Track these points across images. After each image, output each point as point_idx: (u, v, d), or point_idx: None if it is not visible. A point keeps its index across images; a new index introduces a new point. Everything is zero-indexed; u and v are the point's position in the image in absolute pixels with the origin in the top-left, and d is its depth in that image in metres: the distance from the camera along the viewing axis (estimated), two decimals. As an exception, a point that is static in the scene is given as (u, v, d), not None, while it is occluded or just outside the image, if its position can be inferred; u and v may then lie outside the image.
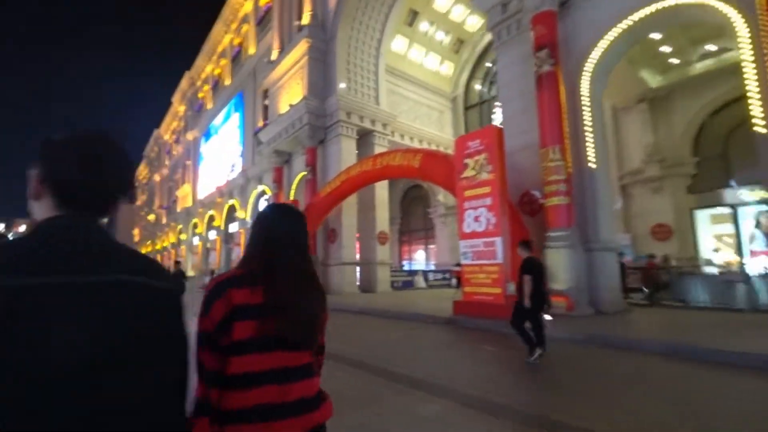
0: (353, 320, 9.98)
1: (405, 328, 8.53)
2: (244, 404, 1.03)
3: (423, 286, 20.33)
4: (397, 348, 6.52)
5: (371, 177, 14.42)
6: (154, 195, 58.82)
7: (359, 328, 8.81)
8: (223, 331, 1.05)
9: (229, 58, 33.93)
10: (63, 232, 0.74)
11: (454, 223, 22.05)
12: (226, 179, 31.30)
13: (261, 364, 1.06)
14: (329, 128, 18.15)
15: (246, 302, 1.07)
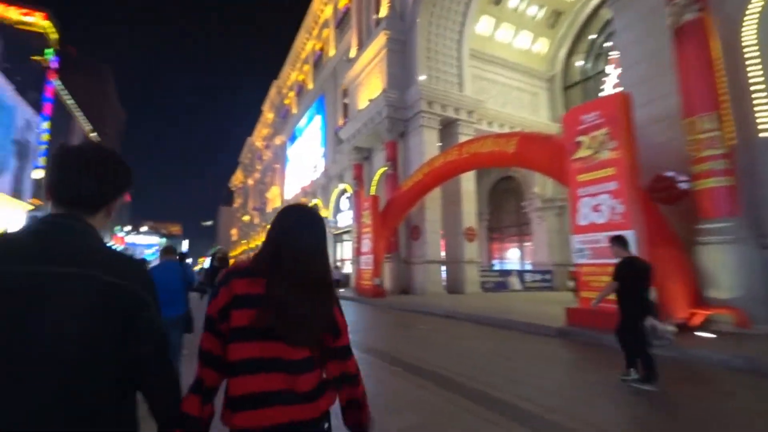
0: (439, 325, 8.90)
1: (503, 338, 7.21)
2: (240, 390, 1.07)
3: (518, 288, 18.38)
4: (497, 364, 5.29)
5: (457, 167, 13.16)
6: (248, 198, 63.95)
7: (446, 334, 7.70)
8: (223, 317, 1.11)
9: (312, 64, 35.08)
10: (47, 228, 0.91)
11: (553, 217, 19.76)
12: (310, 179, 32.34)
13: (254, 351, 1.09)
14: (410, 120, 17.27)
15: (246, 292, 1.13)
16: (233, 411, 1.07)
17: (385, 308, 12.48)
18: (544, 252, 20.14)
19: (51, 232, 0.90)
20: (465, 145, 12.59)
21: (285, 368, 1.10)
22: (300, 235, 1.22)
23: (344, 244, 27.25)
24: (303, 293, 1.15)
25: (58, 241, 0.88)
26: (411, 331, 8.18)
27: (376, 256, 15.14)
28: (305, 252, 1.20)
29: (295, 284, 1.15)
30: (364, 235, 15.85)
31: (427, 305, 11.59)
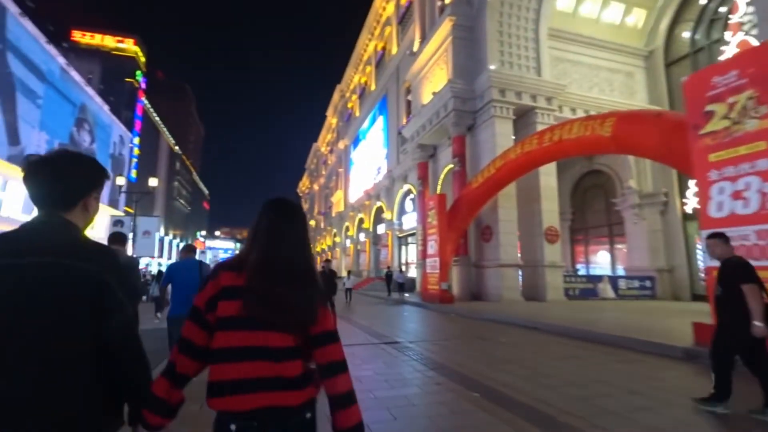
0: (521, 338, 7.51)
1: (609, 358, 5.65)
2: (226, 376, 1.11)
3: (611, 296, 16.01)
4: (615, 399, 3.77)
5: (536, 159, 11.58)
6: (314, 202, 65.91)
7: (533, 351, 6.29)
8: (210, 308, 1.17)
9: (374, 65, 34.92)
10: (31, 226, 1.05)
11: (654, 215, 17.07)
12: (373, 182, 31.99)
13: (239, 340, 1.13)
14: (479, 112, 15.86)
15: (232, 284, 1.18)
16: (218, 395, 1.10)
17: (455, 316, 11.26)
18: (643, 255, 17.36)
19: (33, 229, 1.05)
20: (546, 133, 10.97)
21: (268, 356, 1.13)
22: (277, 227, 1.28)
23: (409, 247, 26.33)
24: (281, 282, 1.19)
25: (38, 236, 1.03)
26: (488, 345, 6.92)
27: (443, 259, 13.95)
28: (282, 243, 1.26)
29: (273, 274, 1.20)
30: (429, 237, 14.74)
31: (504, 313, 10.15)
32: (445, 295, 13.75)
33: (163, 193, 63.13)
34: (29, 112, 26.53)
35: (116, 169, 38.09)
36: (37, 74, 27.37)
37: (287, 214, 1.30)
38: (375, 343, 6.95)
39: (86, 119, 34.18)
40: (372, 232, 32.24)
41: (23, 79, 25.75)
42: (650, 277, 17.01)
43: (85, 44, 49.98)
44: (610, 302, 14.92)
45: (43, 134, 28.32)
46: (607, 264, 20.03)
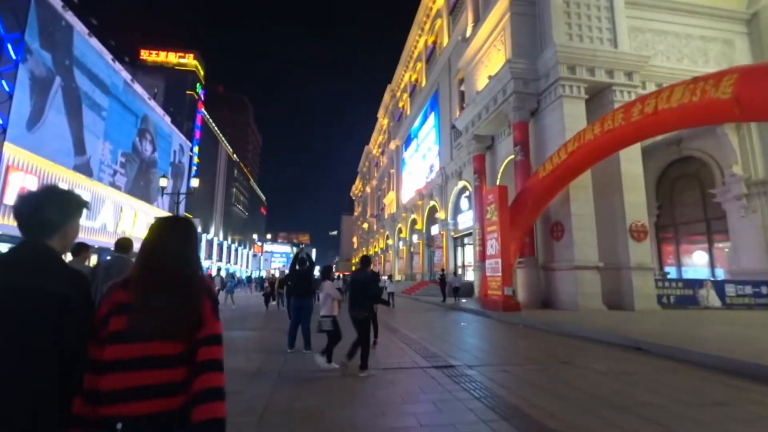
0: (620, 364, 5.73)
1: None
2: (115, 386, 1.19)
3: (715, 305, 13.30)
4: None
5: (622, 137, 9.58)
6: (367, 205, 65.69)
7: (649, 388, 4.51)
8: (104, 324, 1.26)
9: (424, 60, 33.72)
10: (17, 250, 1.24)
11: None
12: (425, 181, 30.61)
13: (127, 352, 1.22)
14: (544, 93, 13.95)
15: (122, 300, 1.29)
16: (108, 404, 1.18)
17: (523, 328, 9.58)
18: (754, 255, 14.32)
19: (18, 254, 1.23)
20: (635, 104, 8.97)
21: (155, 364, 1.22)
22: (157, 242, 1.41)
23: (465, 248, 24.57)
24: (160, 293, 1.30)
25: (21, 260, 1.22)
26: (580, 374, 5.21)
27: (505, 261, 12.24)
28: (162, 256, 1.38)
29: (153, 286, 1.31)
30: (489, 236, 13.09)
31: (587, 327, 8.31)
32: (509, 301, 12.04)
33: (221, 199, 66.44)
34: (94, 123, 28.37)
35: (176, 176, 40.46)
36: (102, 88, 29.28)
37: (166, 229, 1.45)
38: (423, 367, 5.60)
39: (148, 129, 36.38)
40: (425, 233, 30.83)
41: (89, 93, 27.63)
42: (766, 282, 13.96)
43: (152, 62, 54.28)
44: (716, 312, 12.26)
45: (107, 144, 30.31)
46: (704, 266, 16.91)
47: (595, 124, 9.87)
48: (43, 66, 23.17)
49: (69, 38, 25.31)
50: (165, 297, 1.28)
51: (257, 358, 6.24)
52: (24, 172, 21.74)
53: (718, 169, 15.97)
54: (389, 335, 8.51)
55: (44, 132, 23.19)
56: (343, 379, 4.96)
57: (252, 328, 10.22)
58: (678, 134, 15.98)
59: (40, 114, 23.14)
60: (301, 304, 6.82)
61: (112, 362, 1.19)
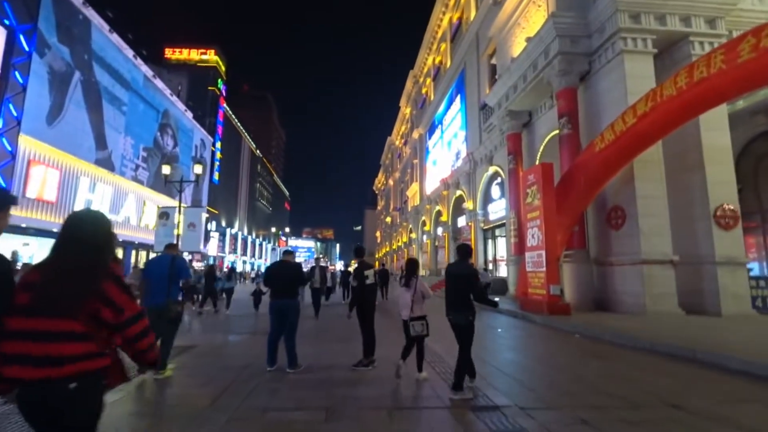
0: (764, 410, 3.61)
1: None
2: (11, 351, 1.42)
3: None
4: None
5: (722, 89, 7.11)
6: (390, 199, 63.77)
7: None
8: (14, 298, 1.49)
9: (449, 40, 31.31)
10: None
11: None
12: (451, 169, 28.37)
13: (25, 324, 1.44)
14: (598, 52, 11.53)
15: (30, 280, 1.52)
16: (7, 365, 1.40)
17: (580, 338, 7.43)
18: None
19: None
20: (744, 39, 6.50)
21: (46, 338, 1.42)
22: (69, 233, 1.64)
23: (497, 240, 22.24)
24: (60, 278, 1.51)
25: None
26: None
27: (550, 253, 10.02)
28: (71, 246, 1.60)
29: (55, 271, 1.53)
30: (530, 223, 10.87)
31: (677, 339, 6.10)
32: (555, 302, 9.83)
33: (245, 194, 66.05)
34: (115, 118, 27.85)
35: (199, 171, 40.50)
36: (122, 82, 28.74)
37: (78, 222, 1.68)
38: (448, 408, 3.71)
39: (169, 124, 35.76)
40: (451, 225, 28.62)
41: (109, 88, 27.10)
42: None
43: (175, 60, 54.20)
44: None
45: (129, 139, 29.76)
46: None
47: (680, 75, 7.46)
48: (62, 60, 22.86)
49: (87, 33, 24.90)
50: (65, 280, 1.51)
51: (218, 381, 4.54)
52: (45, 165, 21.50)
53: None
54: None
55: (65, 126, 23.02)
56: None
57: (237, 332, 8.56)
58: (766, 100, 13.11)
59: (60, 108, 22.84)
60: (284, 307, 5.09)
61: (13, 332, 1.43)
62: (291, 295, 5.16)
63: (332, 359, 5.61)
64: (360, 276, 5.20)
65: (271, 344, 5.03)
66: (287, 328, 5.05)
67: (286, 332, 5.03)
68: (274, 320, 5.09)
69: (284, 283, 5.16)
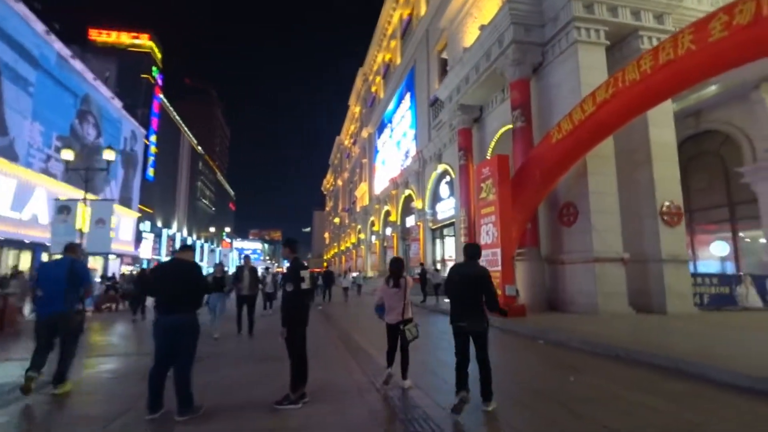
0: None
1: None
2: None
3: (757, 305, 10.94)
4: None
5: (692, 71, 6.58)
6: (338, 199, 62.20)
7: None
8: None
9: (399, 37, 30.65)
10: None
11: None
12: (400, 168, 27.64)
13: None
14: (551, 42, 11.14)
15: None
16: None
17: (539, 344, 6.68)
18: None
19: None
20: (715, 17, 6.05)
21: None
22: None
23: (445, 240, 21.72)
24: None
25: None
26: None
27: (506, 251, 9.34)
28: None
29: None
30: (484, 220, 10.16)
31: (656, 348, 5.47)
32: (511, 304, 9.12)
33: (185, 192, 60.98)
34: (18, 99, 23.71)
35: (129, 165, 35.62)
36: (28, 59, 24.61)
37: None
38: None
39: (90, 111, 31.47)
40: (400, 225, 27.87)
41: (10, 63, 23.05)
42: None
43: (102, 42, 47.97)
44: (757, 314, 9.93)
45: (37, 125, 25.57)
46: (728, 259, 14.65)
47: (643, 58, 6.96)
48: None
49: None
50: None
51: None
52: None
53: (747, 144, 13.60)
54: (347, 361, 5.43)
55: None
56: None
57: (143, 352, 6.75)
58: (697, 104, 13.62)
59: (-58, 83, 18.81)
60: (175, 326, 3.59)
61: None
62: (186, 309, 3.68)
63: (250, 392, 4.20)
64: (295, 278, 3.85)
65: (154, 381, 3.49)
66: (181, 356, 3.59)
67: (179, 362, 3.56)
68: (161, 345, 3.54)
69: (176, 292, 3.68)
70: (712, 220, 14.56)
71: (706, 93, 13.96)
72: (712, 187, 14.38)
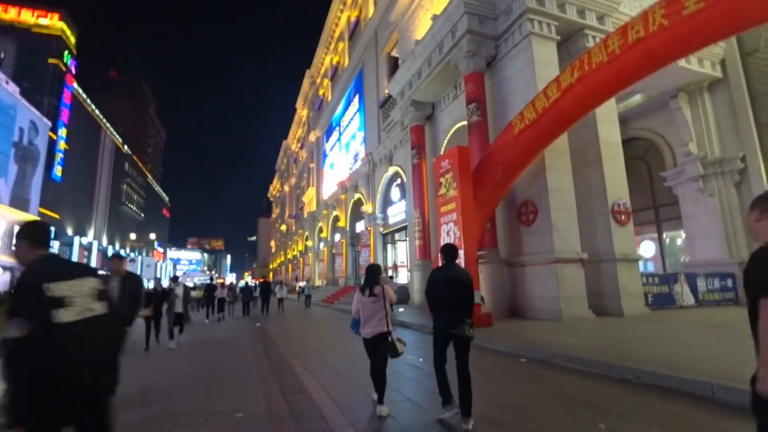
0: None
1: None
2: None
3: (690, 303, 11.23)
4: None
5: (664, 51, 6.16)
6: (285, 206, 59.59)
7: None
8: None
9: (347, 39, 29.79)
10: None
11: (728, 188, 12.70)
12: (349, 172, 26.58)
13: None
14: (505, 35, 10.78)
15: None
16: None
17: (521, 362, 5.84)
18: (713, 244, 12.81)
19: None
20: (672, 0, 5.74)
21: None
22: None
23: (397, 245, 20.91)
24: None
25: None
26: None
27: (468, 252, 8.59)
28: None
29: None
30: (444, 218, 9.37)
31: (651, 360, 4.83)
32: (477, 312, 8.24)
33: (106, 196, 54.71)
34: None
35: (27, 161, 30.67)
36: None
37: None
38: None
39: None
40: (349, 231, 26.69)
41: None
42: (730, 274, 12.42)
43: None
44: (693, 312, 10.15)
45: None
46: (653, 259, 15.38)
47: (611, 38, 6.50)
48: None
49: None
50: None
51: None
52: None
53: (668, 150, 14.45)
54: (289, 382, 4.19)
55: None
56: None
57: None
58: (624, 112, 14.24)
59: None
60: None
61: None
62: None
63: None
64: None
65: None
66: None
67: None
68: None
69: None
70: (639, 221, 15.19)
71: (631, 102, 14.68)
72: (639, 191, 14.98)
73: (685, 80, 12.95)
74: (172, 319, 7.25)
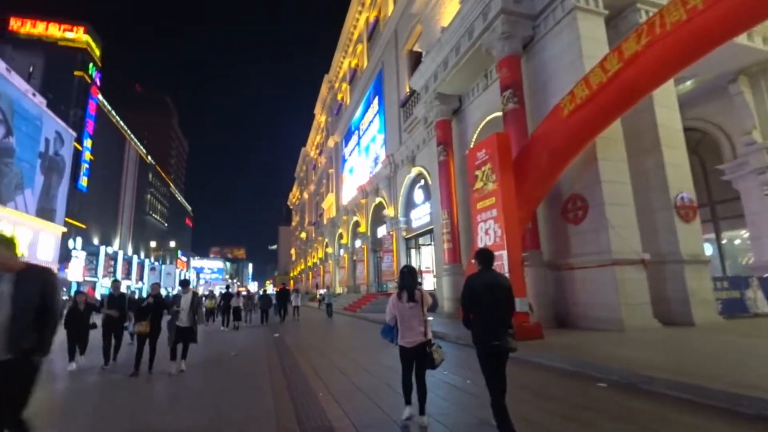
0: None
1: None
2: None
3: (766, 311, 9.75)
4: None
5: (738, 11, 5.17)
6: (305, 213, 59.35)
7: None
8: None
9: (365, 40, 29.25)
10: None
11: None
12: (369, 175, 25.77)
13: None
14: (544, 13, 9.73)
15: None
16: None
17: (594, 387, 4.73)
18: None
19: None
20: None
21: None
22: None
23: (421, 250, 19.87)
24: None
25: None
26: None
27: (512, 253, 7.48)
28: None
29: None
30: (481, 215, 8.29)
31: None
32: (524, 323, 7.15)
33: (131, 206, 55.86)
34: None
35: (52, 171, 31.16)
36: None
37: None
38: None
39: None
40: (370, 236, 25.79)
41: None
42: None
43: (26, 34, 43.07)
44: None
45: None
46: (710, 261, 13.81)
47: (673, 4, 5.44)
48: None
49: None
50: None
51: None
52: None
53: (726, 140, 13.03)
54: (310, 412, 3.25)
55: None
56: None
57: None
58: None
59: None
60: None
61: None
62: None
63: None
64: None
65: None
66: None
67: None
68: None
69: None
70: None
71: (680, 89, 13.30)
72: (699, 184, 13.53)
73: (746, 61, 11.60)
74: (173, 336, 6.16)
